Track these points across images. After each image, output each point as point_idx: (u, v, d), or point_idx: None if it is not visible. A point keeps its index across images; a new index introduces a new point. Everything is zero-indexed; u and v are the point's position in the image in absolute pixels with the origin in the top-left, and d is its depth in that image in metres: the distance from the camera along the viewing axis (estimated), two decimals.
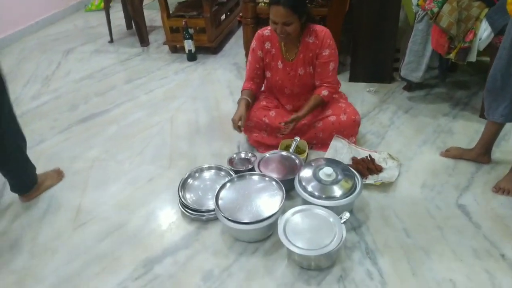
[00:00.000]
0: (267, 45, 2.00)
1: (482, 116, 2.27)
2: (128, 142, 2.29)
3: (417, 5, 2.28)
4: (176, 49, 3.47)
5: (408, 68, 2.40)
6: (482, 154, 1.93)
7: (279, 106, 2.15)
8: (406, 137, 2.16)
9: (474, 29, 2.06)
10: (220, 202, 1.62)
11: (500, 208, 1.69)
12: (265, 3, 2.78)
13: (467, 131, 2.17)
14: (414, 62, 2.36)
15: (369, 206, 1.74)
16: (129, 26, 4.04)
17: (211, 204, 1.72)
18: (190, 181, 1.85)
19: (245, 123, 2.10)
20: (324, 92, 1.98)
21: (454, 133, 2.17)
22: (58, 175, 2.04)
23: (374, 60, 2.65)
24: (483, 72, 2.64)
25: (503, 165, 1.91)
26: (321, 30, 1.94)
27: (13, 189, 1.87)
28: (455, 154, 1.99)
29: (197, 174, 1.88)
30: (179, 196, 1.75)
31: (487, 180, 1.84)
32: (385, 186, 1.82)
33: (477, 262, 1.47)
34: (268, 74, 2.09)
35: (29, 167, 1.86)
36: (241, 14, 2.91)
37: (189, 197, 1.78)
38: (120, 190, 1.94)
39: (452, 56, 2.15)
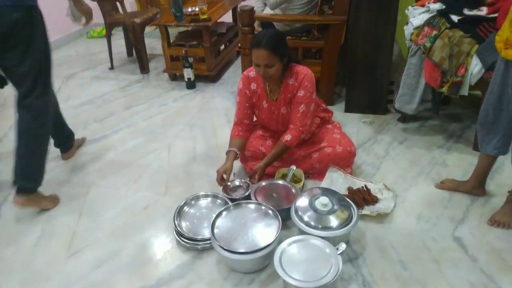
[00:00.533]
0: (253, 86, 2.05)
1: (475, 148, 2.30)
2: (125, 169, 2.30)
3: (410, 40, 2.36)
4: (175, 77, 3.53)
5: (402, 100, 2.46)
6: (476, 187, 1.95)
7: (275, 136, 2.18)
8: (401, 168, 2.19)
9: (466, 64, 2.13)
10: (216, 231, 1.61)
11: (496, 241, 1.70)
12: None
13: (461, 163, 2.20)
14: (408, 94, 2.41)
15: (365, 237, 1.74)
16: (130, 54, 4.12)
17: (206, 233, 1.71)
18: (186, 208, 1.85)
19: (243, 153, 2.13)
20: (287, 138, 1.95)
21: (448, 165, 2.20)
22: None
23: (369, 92, 2.71)
24: (476, 105, 2.70)
25: (497, 197, 1.93)
26: (302, 72, 1.95)
27: (56, 146, 2.34)
28: (450, 186, 2.01)
29: (193, 202, 1.88)
30: (175, 224, 1.75)
31: (482, 213, 1.85)
32: (381, 217, 1.83)
33: None
34: (256, 112, 2.14)
35: (68, 130, 2.35)
36: (239, 45, 2.99)
37: (185, 225, 1.77)
38: (116, 216, 1.93)
39: (445, 89, 2.21)
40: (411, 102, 2.43)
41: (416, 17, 2.37)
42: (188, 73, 3.29)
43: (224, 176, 1.91)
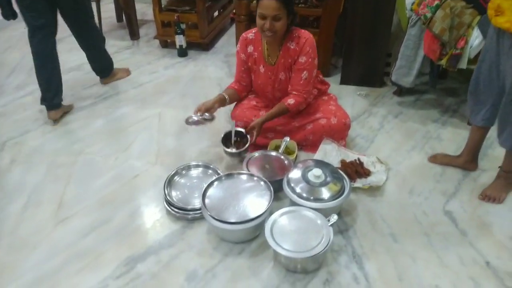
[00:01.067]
0: (250, 49, 1.99)
1: (470, 123, 2.28)
2: (115, 137, 2.24)
3: (411, 9, 2.28)
4: (166, 44, 3.41)
5: (399, 73, 2.41)
6: (469, 161, 1.94)
7: (269, 106, 2.13)
8: (395, 142, 2.17)
9: (466, 36, 2.08)
10: (206, 201, 1.59)
11: (486, 215, 1.70)
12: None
13: (456, 138, 2.19)
14: (406, 67, 2.36)
15: (356, 210, 1.74)
16: (119, 19, 3.97)
17: (197, 203, 1.69)
18: (176, 178, 1.82)
19: (237, 123, 2.09)
20: (290, 101, 1.92)
21: (443, 139, 2.18)
22: (127, 71, 2.92)
23: (365, 64, 2.65)
24: None
25: (489, 173, 1.92)
26: (304, 36, 1.90)
27: (95, 71, 2.75)
28: (443, 161, 2.00)
29: (184, 172, 1.85)
30: (165, 194, 1.72)
31: (474, 187, 1.85)
32: (373, 190, 1.82)
33: (463, 269, 1.47)
34: (252, 77, 2.09)
35: (108, 57, 2.75)
36: (234, 11, 2.88)
37: (175, 195, 1.74)
38: (104, 185, 1.89)
39: (443, 62, 2.16)
40: (409, 75, 2.38)
41: None
42: (180, 40, 3.18)
43: (203, 106, 1.92)
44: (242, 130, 1.95)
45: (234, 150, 1.90)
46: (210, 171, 1.86)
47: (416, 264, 1.49)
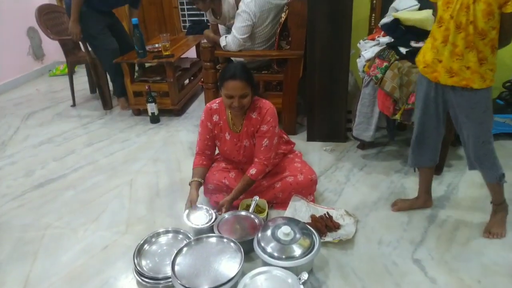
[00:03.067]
0: (215, 118, 2.08)
1: (416, 168, 2.40)
2: (84, 208, 2.23)
3: (363, 71, 2.48)
4: (139, 112, 3.52)
5: (359, 129, 2.55)
6: (427, 200, 2.08)
7: (237, 168, 2.19)
8: (362, 194, 2.24)
9: (415, 92, 2.25)
10: (176, 268, 1.57)
11: (453, 261, 1.74)
12: None
13: (417, 186, 2.27)
14: (364, 123, 2.51)
15: (328, 265, 1.75)
16: (93, 91, 4.10)
17: (168, 271, 1.66)
18: (146, 247, 1.79)
19: (207, 186, 2.13)
20: (252, 172, 1.98)
21: (406, 188, 2.28)
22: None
23: (328, 121, 2.80)
24: None
25: (454, 217, 2.00)
26: (265, 107, 2.01)
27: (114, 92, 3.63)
28: (403, 206, 2.09)
29: (153, 239, 1.83)
30: (134, 264, 1.69)
31: (440, 234, 1.91)
32: (343, 243, 1.85)
33: None
34: (217, 143, 2.16)
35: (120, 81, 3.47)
36: (202, 79, 3.04)
37: (145, 264, 1.72)
38: (72, 259, 1.85)
39: (398, 117, 2.31)
40: (368, 130, 2.53)
41: (368, 50, 2.50)
42: (151, 108, 3.29)
43: (191, 206, 1.92)
44: (205, 207, 1.97)
45: (199, 226, 1.87)
46: (180, 236, 1.85)
47: None
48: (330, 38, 2.57)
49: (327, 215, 2.01)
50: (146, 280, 1.64)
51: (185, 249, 1.66)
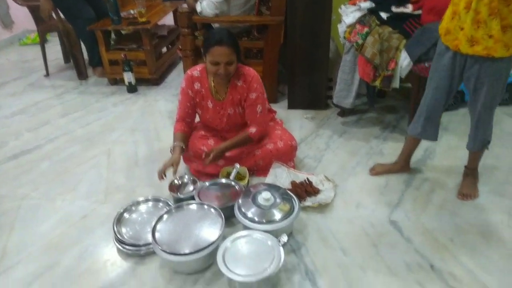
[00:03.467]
0: (197, 86, 2.03)
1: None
2: (61, 178, 2.18)
3: (344, 37, 2.45)
4: (116, 82, 3.41)
5: (339, 96, 2.55)
6: (404, 166, 2.11)
7: (217, 135, 2.17)
8: (341, 160, 2.26)
9: (395, 58, 2.25)
10: (157, 235, 1.57)
11: (428, 222, 1.80)
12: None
13: (396, 151, 2.29)
14: (345, 90, 2.51)
15: (307, 228, 1.78)
16: (66, 60, 3.94)
17: (149, 238, 1.66)
18: (126, 215, 1.78)
19: (184, 153, 2.11)
20: (252, 130, 2.02)
21: (384, 154, 2.31)
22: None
23: (309, 89, 2.78)
24: (408, 97, 2.86)
25: (430, 181, 2.05)
26: (249, 74, 2.00)
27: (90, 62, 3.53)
28: (381, 170, 2.13)
29: (133, 208, 1.82)
30: (114, 231, 1.68)
31: (416, 196, 1.96)
32: (322, 208, 1.88)
33: (410, 275, 1.54)
34: (199, 111, 2.12)
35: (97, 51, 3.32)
36: (180, 47, 2.95)
37: (125, 231, 1.71)
38: (50, 229, 1.82)
39: (377, 83, 2.32)
40: (348, 97, 2.53)
41: (349, 15, 2.47)
42: (128, 77, 3.20)
43: (172, 169, 1.88)
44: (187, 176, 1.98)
45: (181, 195, 1.88)
46: (160, 204, 1.84)
47: (366, 275, 1.54)
48: (310, 3, 2.52)
49: (307, 181, 2.03)
50: (127, 247, 1.64)
51: (165, 216, 1.66)
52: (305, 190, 1.96)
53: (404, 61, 2.24)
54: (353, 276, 1.54)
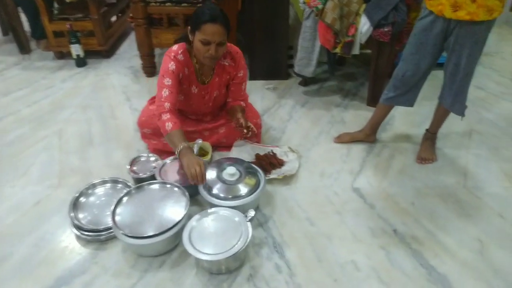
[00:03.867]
0: (186, 70, 1.86)
1: (369, 104, 2.46)
2: (9, 163, 2.02)
3: (304, 3, 2.38)
4: (62, 55, 3.16)
5: (300, 64, 2.51)
6: (370, 135, 2.12)
7: (186, 115, 2.08)
8: (304, 130, 2.25)
9: (355, 24, 2.22)
10: (117, 218, 1.50)
11: (390, 187, 1.85)
12: (156, 2, 2.68)
13: (357, 119, 2.34)
14: (306, 58, 2.47)
15: (274, 200, 1.77)
16: (5, 32, 3.59)
17: (109, 221, 1.58)
18: (82, 199, 1.68)
19: (143, 130, 2.01)
20: (243, 104, 2.01)
21: (346, 122, 2.33)
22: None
23: (270, 58, 2.71)
24: (367, 64, 2.87)
25: (390, 146, 2.10)
26: (235, 51, 1.90)
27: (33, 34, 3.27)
28: (346, 138, 2.14)
29: (89, 191, 1.72)
30: (71, 217, 1.59)
31: (377, 163, 2.00)
32: (287, 179, 1.87)
33: (374, 240, 1.58)
34: (180, 97, 1.93)
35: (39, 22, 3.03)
36: (131, 15, 2.76)
37: (83, 216, 1.62)
38: (1, 218, 1.69)
39: (338, 50, 2.29)
40: (309, 65, 2.49)
41: None
42: (76, 50, 2.97)
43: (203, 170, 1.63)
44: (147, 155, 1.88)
45: (141, 175, 1.78)
46: (119, 185, 1.76)
47: (332, 243, 1.57)
48: None
49: (271, 153, 2.01)
50: (86, 233, 1.56)
51: (125, 198, 1.58)
52: (269, 162, 1.94)
53: (364, 26, 2.22)
54: (320, 245, 1.56)
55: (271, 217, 1.69)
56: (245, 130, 1.85)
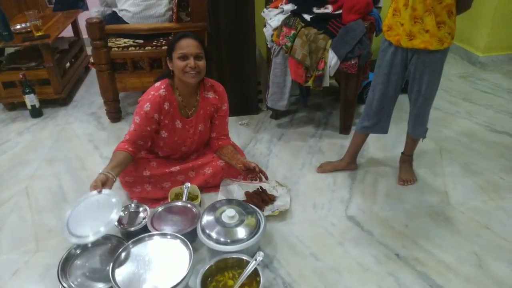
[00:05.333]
0: (166, 106, 1.83)
1: (342, 132, 2.55)
2: None
3: (272, 41, 2.46)
4: (14, 107, 2.94)
5: (273, 99, 2.55)
6: (350, 163, 2.18)
7: (159, 156, 2.01)
8: (287, 163, 2.27)
9: (324, 58, 2.32)
10: (118, 279, 1.37)
11: (381, 212, 1.89)
12: (118, 47, 2.61)
13: (334, 147, 2.40)
14: (278, 92, 2.52)
15: (274, 238, 1.73)
16: None
17: (106, 284, 1.44)
18: (71, 261, 1.52)
19: (124, 179, 1.90)
20: (231, 142, 2.09)
21: (324, 151, 2.38)
22: None
23: (240, 95, 2.73)
24: (332, 93, 3.01)
25: (371, 172, 2.17)
26: (218, 85, 1.99)
27: None
28: (328, 168, 2.19)
29: (78, 251, 1.56)
30: (61, 285, 1.42)
31: (364, 189, 2.05)
32: (282, 214, 1.85)
33: (381, 267, 1.59)
34: (163, 134, 1.90)
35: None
36: (92, 61, 2.66)
37: (76, 282, 1.45)
38: None
39: (310, 83, 2.37)
40: (282, 99, 2.54)
41: (273, 18, 2.48)
42: (31, 100, 2.78)
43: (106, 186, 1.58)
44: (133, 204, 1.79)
45: (131, 228, 1.68)
46: (112, 241, 1.61)
47: (342, 276, 1.55)
48: (233, 7, 2.46)
49: (260, 189, 1.98)
50: None
51: (123, 254, 1.46)
52: (261, 199, 1.92)
53: (332, 60, 2.32)
54: (330, 280, 1.54)
55: (274, 257, 1.65)
56: (260, 174, 1.89)
